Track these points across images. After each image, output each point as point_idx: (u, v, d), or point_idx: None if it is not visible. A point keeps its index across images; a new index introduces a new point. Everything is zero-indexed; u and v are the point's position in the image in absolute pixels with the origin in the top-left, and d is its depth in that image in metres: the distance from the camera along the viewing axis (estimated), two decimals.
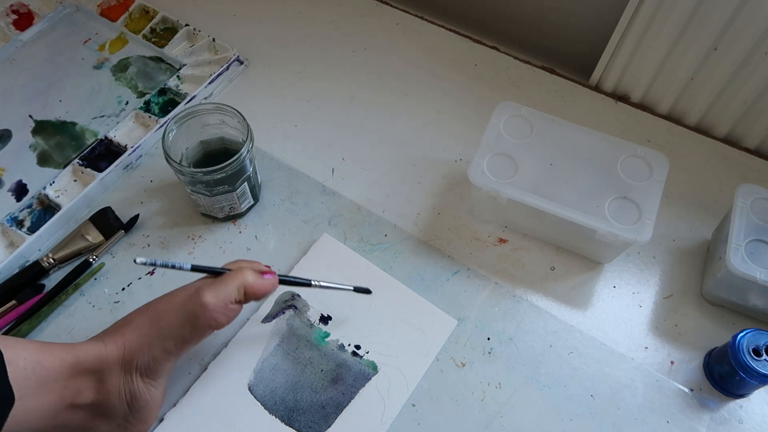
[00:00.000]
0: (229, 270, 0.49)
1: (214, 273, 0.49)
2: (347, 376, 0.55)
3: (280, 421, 0.53)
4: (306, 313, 0.58)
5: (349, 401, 0.54)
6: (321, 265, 0.61)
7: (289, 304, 0.59)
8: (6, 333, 0.57)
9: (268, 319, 0.58)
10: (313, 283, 0.53)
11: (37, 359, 0.43)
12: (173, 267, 0.47)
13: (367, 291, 0.57)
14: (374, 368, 0.55)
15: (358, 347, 0.56)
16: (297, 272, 0.61)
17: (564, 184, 0.58)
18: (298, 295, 0.59)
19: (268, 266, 0.51)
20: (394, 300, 0.59)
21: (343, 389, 0.54)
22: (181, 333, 0.46)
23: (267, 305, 0.59)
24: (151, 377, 0.47)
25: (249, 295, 0.48)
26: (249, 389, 0.54)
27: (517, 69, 0.78)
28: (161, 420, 0.52)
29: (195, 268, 0.48)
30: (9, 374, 0.41)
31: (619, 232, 0.55)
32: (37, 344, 0.45)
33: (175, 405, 0.53)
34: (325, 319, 0.58)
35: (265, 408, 0.53)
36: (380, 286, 0.60)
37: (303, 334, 0.57)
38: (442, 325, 0.58)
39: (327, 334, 0.57)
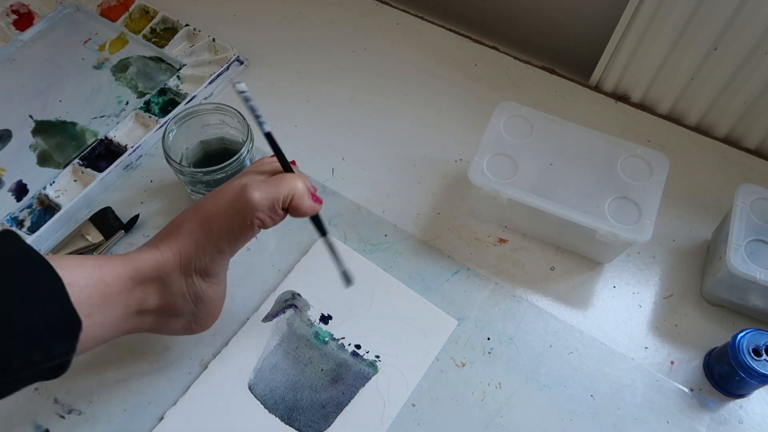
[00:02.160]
0: (290, 170, 0.48)
1: (280, 159, 0.49)
2: (347, 375, 0.55)
3: (279, 420, 0.53)
4: (306, 312, 0.58)
5: (349, 401, 0.54)
6: (322, 265, 0.61)
7: (290, 303, 0.59)
8: None
9: (268, 318, 0.58)
10: (328, 236, 0.52)
11: (96, 277, 0.43)
12: (257, 116, 0.47)
13: (349, 281, 0.54)
14: (374, 368, 0.55)
15: (358, 347, 0.56)
16: (297, 272, 0.61)
17: (564, 184, 0.58)
18: (299, 295, 0.59)
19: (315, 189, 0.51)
20: (395, 300, 0.59)
21: (343, 389, 0.54)
22: (231, 231, 0.46)
23: (267, 304, 0.59)
24: (210, 276, 0.48)
25: (292, 208, 0.47)
26: (249, 388, 0.54)
27: (517, 69, 0.78)
28: (161, 418, 0.52)
29: (269, 136, 0.48)
30: (72, 297, 0.41)
31: (619, 232, 0.55)
32: (94, 261, 0.45)
33: (175, 404, 0.53)
34: (325, 319, 0.58)
35: (265, 407, 0.53)
36: (380, 285, 0.60)
37: (303, 333, 0.57)
38: (442, 325, 0.58)
39: (327, 334, 0.57)
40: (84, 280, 0.42)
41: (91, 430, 0.53)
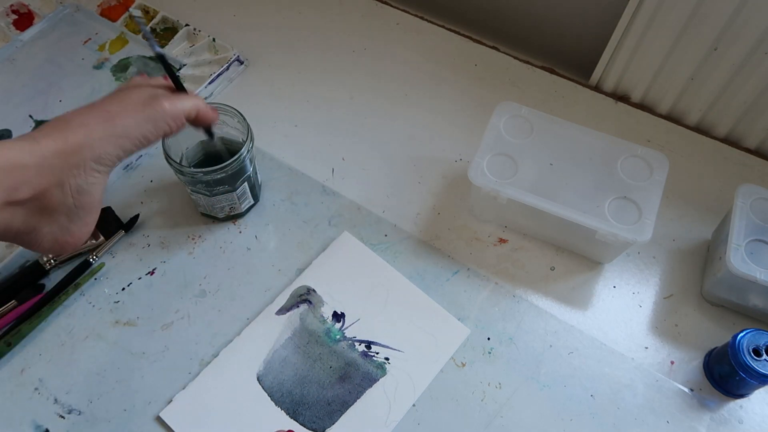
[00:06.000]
0: (183, 90, 0.51)
1: (175, 80, 0.51)
2: (355, 375, 0.55)
3: (285, 414, 0.53)
4: (320, 308, 0.58)
5: (355, 400, 0.54)
6: (338, 263, 0.61)
7: (304, 298, 0.59)
8: (6, 333, 0.57)
9: (282, 311, 0.58)
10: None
11: None
12: (148, 40, 0.51)
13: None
14: (383, 370, 0.55)
15: (368, 347, 0.56)
16: (314, 268, 0.61)
17: (564, 184, 0.58)
18: (314, 290, 0.59)
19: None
20: (409, 303, 0.59)
21: (350, 388, 0.54)
22: (141, 132, 0.47)
23: (282, 298, 0.59)
24: (98, 170, 0.46)
25: (200, 119, 0.50)
26: (257, 379, 0.55)
27: (517, 69, 0.78)
28: (170, 401, 0.53)
29: (162, 58, 0.51)
30: None
31: (619, 232, 0.55)
32: None
33: (184, 387, 0.54)
34: (338, 317, 0.58)
35: (271, 399, 0.54)
36: (395, 288, 0.60)
37: (315, 329, 0.57)
38: (455, 332, 0.57)
39: (339, 332, 0.57)
40: None
41: (91, 430, 0.53)
